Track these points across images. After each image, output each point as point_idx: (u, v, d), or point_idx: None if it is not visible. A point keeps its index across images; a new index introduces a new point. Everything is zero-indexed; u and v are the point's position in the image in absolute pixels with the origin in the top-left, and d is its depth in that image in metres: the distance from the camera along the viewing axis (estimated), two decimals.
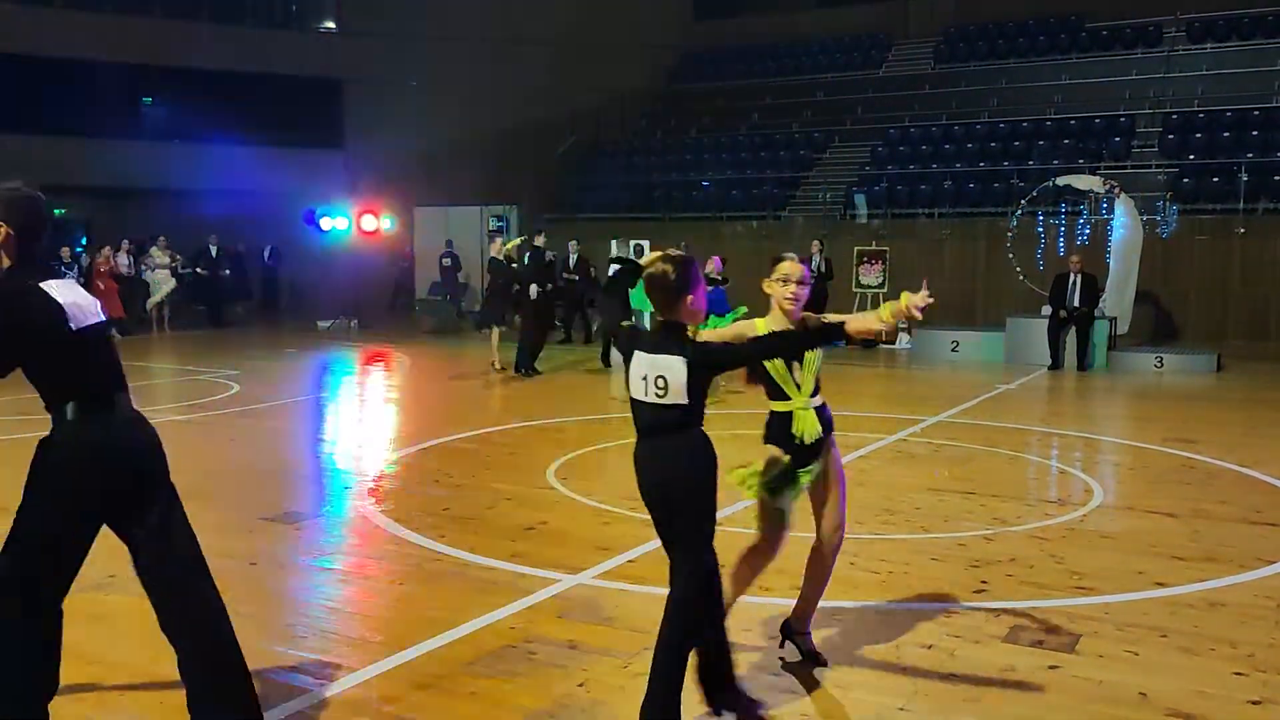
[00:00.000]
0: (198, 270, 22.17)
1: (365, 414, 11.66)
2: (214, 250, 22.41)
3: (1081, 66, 25.00)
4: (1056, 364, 15.20)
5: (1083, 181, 17.67)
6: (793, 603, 5.11)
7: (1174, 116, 22.37)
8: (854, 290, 19.19)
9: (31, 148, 23.13)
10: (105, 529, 3.53)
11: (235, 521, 6.58)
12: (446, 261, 22.86)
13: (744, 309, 13.93)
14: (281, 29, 27.80)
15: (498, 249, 14.34)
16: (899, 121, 25.25)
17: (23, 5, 23.97)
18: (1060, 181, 17.80)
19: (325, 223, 21.40)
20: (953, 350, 16.61)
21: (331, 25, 28.32)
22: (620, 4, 29.18)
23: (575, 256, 18.91)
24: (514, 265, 14.58)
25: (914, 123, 25.11)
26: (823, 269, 17.12)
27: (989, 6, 28.05)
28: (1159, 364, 15.18)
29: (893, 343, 18.36)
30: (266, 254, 24.09)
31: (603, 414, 11.39)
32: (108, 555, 5.63)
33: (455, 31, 26.41)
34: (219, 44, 25.58)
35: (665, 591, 5.20)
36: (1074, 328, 15.30)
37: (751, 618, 4.89)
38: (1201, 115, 22.07)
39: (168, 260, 20.72)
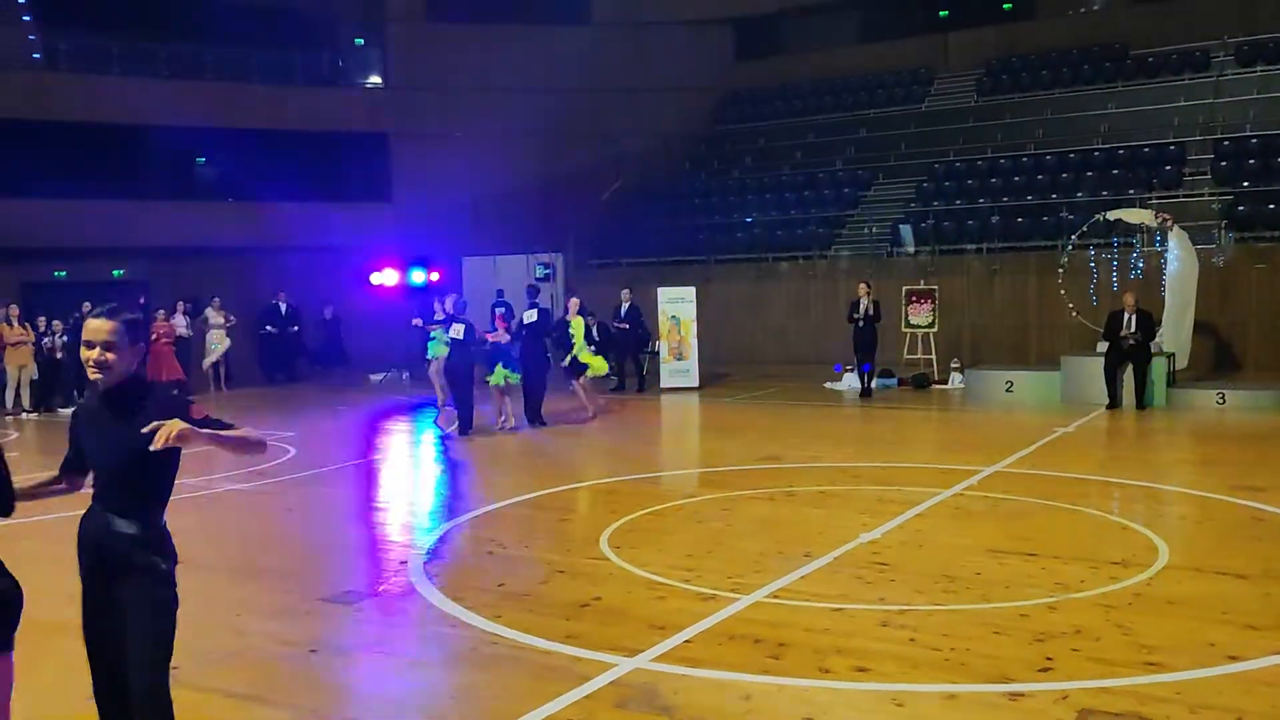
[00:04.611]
0: (268, 328, 22.50)
1: (419, 477, 11.73)
2: (282, 308, 22.73)
3: (1128, 95, 24.77)
4: (1114, 403, 14.93)
5: (1133, 215, 17.45)
6: (857, 686, 5.04)
7: (1225, 143, 22.06)
8: (903, 330, 19.06)
9: (90, 211, 23.78)
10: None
11: (294, 604, 6.63)
12: (500, 310, 22.98)
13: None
14: (329, 86, 28.37)
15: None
16: (944, 156, 25.15)
17: (81, 74, 24.72)
18: (1111, 216, 17.59)
19: (376, 278, 21.67)
20: (1007, 390, 16.39)
21: (378, 80, 28.84)
22: (661, 47, 29.44)
23: (627, 305, 18.94)
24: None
25: (959, 157, 25.00)
26: (870, 311, 16.99)
27: (1031, 37, 27.93)
28: (1221, 400, 14.87)
29: (944, 382, 18.19)
30: (328, 313, 24.23)
31: (654, 472, 11.38)
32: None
33: (498, 81, 26.79)
34: (269, 104, 26.14)
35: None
36: (1131, 365, 15.03)
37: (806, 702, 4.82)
38: (1254, 140, 21.75)
39: (222, 320, 21.10)
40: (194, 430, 3.35)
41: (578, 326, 15.25)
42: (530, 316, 14.90)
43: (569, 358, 15.16)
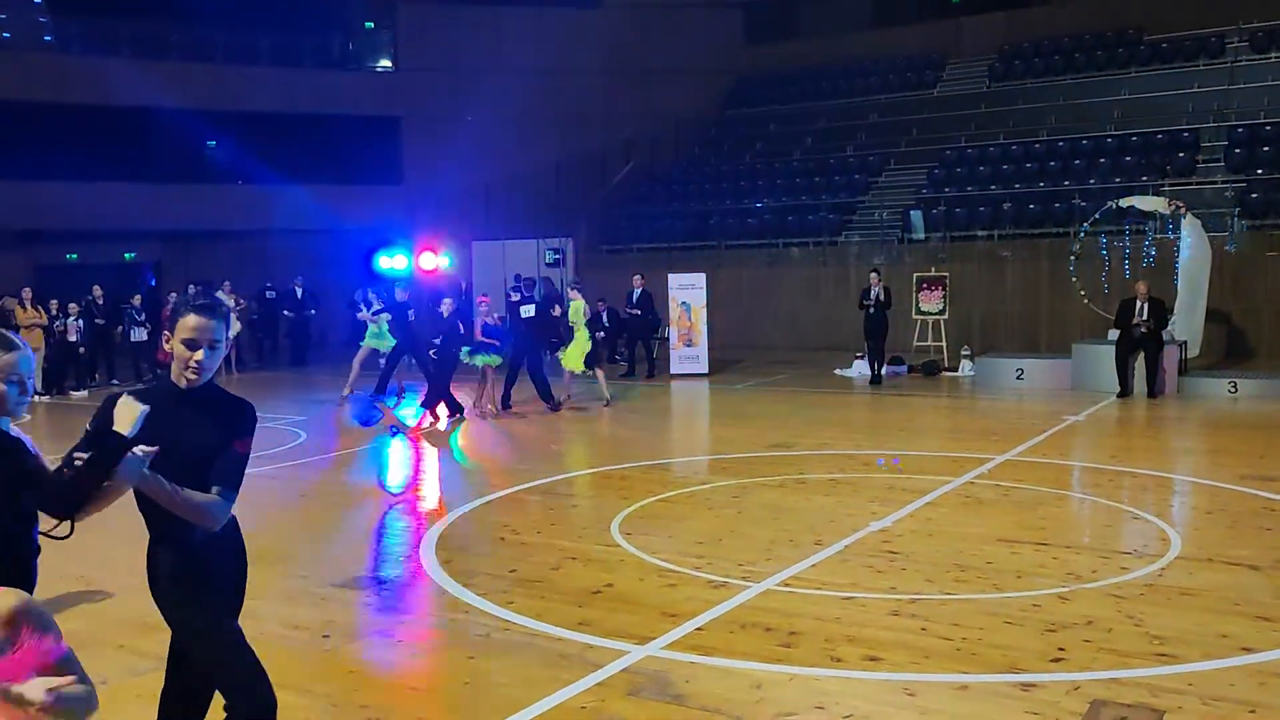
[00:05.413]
0: (285, 313, 22.48)
1: (430, 462, 11.76)
2: (299, 292, 22.72)
3: (1141, 80, 24.62)
4: (1126, 391, 14.89)
5: (1146, 203, 17.36)
6: (868, 676, 5.05)
7: (1239, 129, 21.92)
8: (914, 317, 19.02)
9: (102, 194, 23.85)
10: None
11: (307, 589, 6.66)
12: (515, 297, 22.84)
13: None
14: (339, 69, 28.36)
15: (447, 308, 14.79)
16: (955, 142, 25.04)
17: (92, 57, 24.73)
18: (1123, 203, 17.51)
19: (385, 262, 21.62)
20: (1018, 378, 16.34)
21: (389, 64, 28.80)
22: (672, 30, 29.34)
23: (639, 291, 18.90)
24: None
25: (970, 143, 24.90)
26: (881, 298, 16.96)
27: (1043, 22, 27.76)
28: (1233, 389, 14.81)
29: (954, 369, 18.15)
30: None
31: (665, 459, 11.39)
32: None
33: (509, 65, 26.73)
34: (279, 87, 26.15)
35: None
36: (1143, 353, 14.98)
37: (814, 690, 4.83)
38: (1268, 127, 21.62)
39: (233, 303, 21.12)
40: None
41: (576, 312, 15.25)
42: (527, 311, 14.95)
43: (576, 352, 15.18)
